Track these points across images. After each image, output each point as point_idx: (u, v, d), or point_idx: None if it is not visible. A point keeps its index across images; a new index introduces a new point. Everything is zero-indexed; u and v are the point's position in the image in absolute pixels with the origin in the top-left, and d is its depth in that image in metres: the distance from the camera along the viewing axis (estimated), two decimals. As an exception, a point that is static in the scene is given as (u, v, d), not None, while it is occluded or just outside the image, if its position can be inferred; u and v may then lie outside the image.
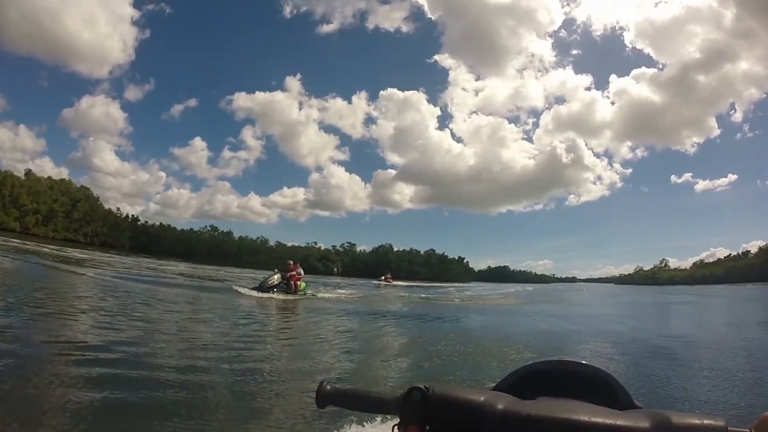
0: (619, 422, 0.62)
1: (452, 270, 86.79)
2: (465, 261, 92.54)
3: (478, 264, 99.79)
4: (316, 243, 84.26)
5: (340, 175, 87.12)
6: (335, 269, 77.79)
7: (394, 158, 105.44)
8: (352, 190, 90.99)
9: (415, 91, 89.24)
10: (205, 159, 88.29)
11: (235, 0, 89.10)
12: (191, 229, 78.45)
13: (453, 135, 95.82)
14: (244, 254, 73.79)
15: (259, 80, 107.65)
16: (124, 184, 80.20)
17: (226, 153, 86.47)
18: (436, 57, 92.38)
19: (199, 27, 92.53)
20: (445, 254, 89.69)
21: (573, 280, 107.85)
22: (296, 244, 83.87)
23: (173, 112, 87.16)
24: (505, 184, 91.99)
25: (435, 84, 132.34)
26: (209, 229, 79.07)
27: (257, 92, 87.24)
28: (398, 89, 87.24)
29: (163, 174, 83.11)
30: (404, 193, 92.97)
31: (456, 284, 58.99)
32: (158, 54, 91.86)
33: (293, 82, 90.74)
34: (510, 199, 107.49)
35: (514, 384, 0.86)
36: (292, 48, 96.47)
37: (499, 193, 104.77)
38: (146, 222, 73.92)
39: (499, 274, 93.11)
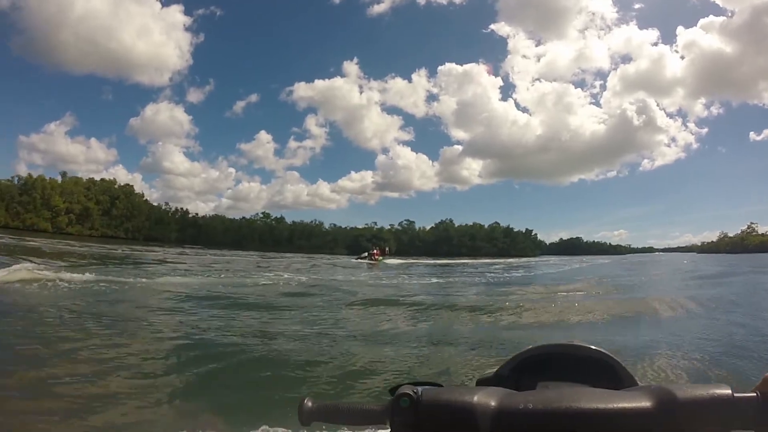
0: (620, 404, 0.58)
1: (519, 244, 78.17)
2: (533, 234, 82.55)
3: (550, 236, 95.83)
4: (376, 224, 79.33)
5: (406, 156, 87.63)
6: (387, 249, 73.09)
7: (459, 134, 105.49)
8: (419, 170, 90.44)
9: (475, 64, 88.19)
10: (271, 151, 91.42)
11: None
12: (243, 218, 76.46)
13: (517, 105, 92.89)
14: (296, 239, 71.06)
15: (317, 68, 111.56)
16: (196, 182, 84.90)
17: (292, 143, 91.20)
18: (492, 26, 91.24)
19: (250, 24, 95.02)
20: (511, 227, 78.84)
21: (650, 250, 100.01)
22: (356, 225, 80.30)
23: (236, 109, 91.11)
24: (575, 152, 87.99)
25: (494, 54, 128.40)
26: (261, 216, 75.63)
27: (316, 80, 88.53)
28: (456, 63, 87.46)
29: (232, 170, 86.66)
30: (472, 169, 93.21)
31: (517, 259, 54.15)
32: (214, 55, 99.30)
33: (351, 67, 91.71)
34: (581, 167, 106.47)
35: (512, 371, 0.82)
36: (346, 32, 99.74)
37: (569, 162, 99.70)
38: (197, 214, 73.83)
39: (572, 247, 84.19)
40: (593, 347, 0.80)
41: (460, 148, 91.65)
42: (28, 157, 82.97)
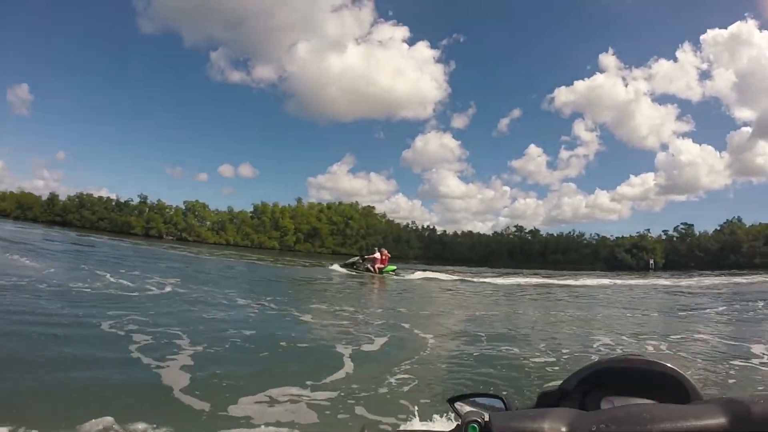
0: (693, 422, 0.54)
1: None
2: None
3: None
4: (648, 231, 67.46)
5: (688, 149, 69.68)
6: (651, 262, 61.89)
7: (744, 113, 77.69)
8: (706, 164, 72.37)
9: (741, 22, 61.86)
10: (543, 164, 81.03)
11: (520, 4, 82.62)
12: (495, 233, 73.87)
13: (817, 62, 71.20)
14: (550, 253, 65.51)
15: (573, 69, 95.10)
16: (472, 204, 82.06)
17: (563, 153, 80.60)
18: (757, -37, 71.46)
19: (495, 41, 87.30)
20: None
21: None
22: (624, 235, 69.61)
23: (500, 126, 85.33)
24: None
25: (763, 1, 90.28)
26: (514, 230, 71.96)
27: (575, 82, 76.17)
28: (719, 28, 63.06)
29: (507, 188, 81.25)
30: (769, 154, 76.77)
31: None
32: (469, 79, 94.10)
33: (608, 59, 73.82)
34: None
35: (577, 386, 0.82)
36: (592, 24, 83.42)
37: None
38: (445, 231, 74.36)
39: None
40: (659, 361, 0.80)
41: (749, 130, 72.58)
42: (317, 195, 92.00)
